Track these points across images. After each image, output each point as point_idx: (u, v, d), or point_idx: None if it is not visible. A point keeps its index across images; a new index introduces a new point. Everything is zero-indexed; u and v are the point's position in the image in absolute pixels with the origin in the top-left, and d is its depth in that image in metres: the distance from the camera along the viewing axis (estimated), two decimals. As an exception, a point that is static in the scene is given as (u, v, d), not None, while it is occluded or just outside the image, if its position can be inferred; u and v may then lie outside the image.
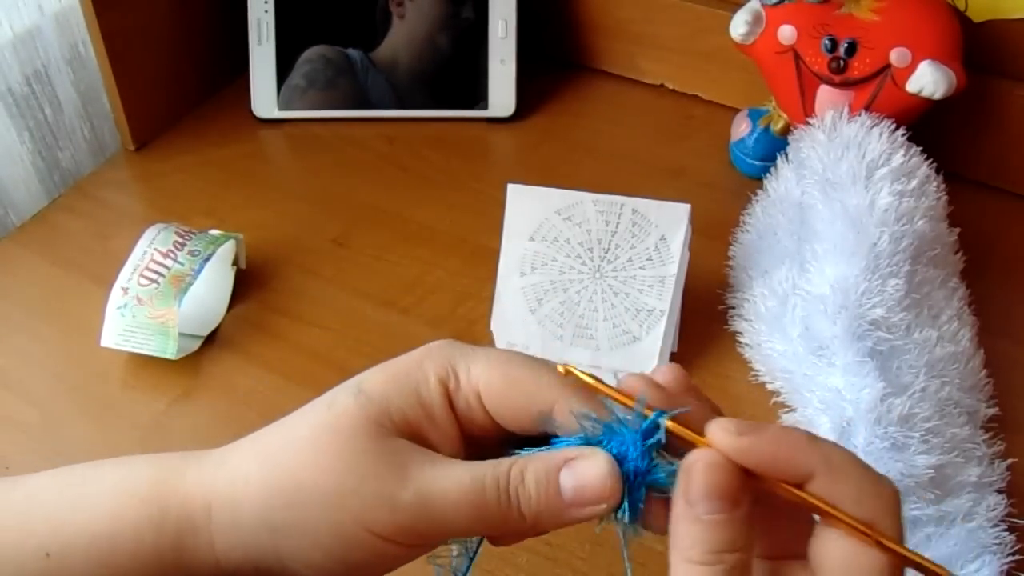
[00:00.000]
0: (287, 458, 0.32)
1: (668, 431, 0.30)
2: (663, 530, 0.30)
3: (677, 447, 0.30)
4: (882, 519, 0.28)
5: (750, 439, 0.28)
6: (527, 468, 0.32)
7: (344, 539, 0.31)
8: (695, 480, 0.28)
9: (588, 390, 0.32)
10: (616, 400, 0.31)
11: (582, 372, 0.31)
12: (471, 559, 0.36)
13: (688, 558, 0.28)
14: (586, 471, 0.31)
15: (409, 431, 0.32)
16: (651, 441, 0.30)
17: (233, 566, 0.32)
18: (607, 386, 0.31)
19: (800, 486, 0.28)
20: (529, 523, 0.32)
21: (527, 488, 0.31)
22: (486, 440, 0.34)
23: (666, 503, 0.30)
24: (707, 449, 0.29)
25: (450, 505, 0.31)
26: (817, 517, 0.29)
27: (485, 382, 0.33)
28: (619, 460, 0.31)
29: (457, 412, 0.33)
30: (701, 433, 0.29)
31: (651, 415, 0.30)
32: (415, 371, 0.33)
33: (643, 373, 0.32)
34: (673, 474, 0.30)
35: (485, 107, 0.78)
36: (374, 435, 0.32)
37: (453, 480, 0.31)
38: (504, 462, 0.32)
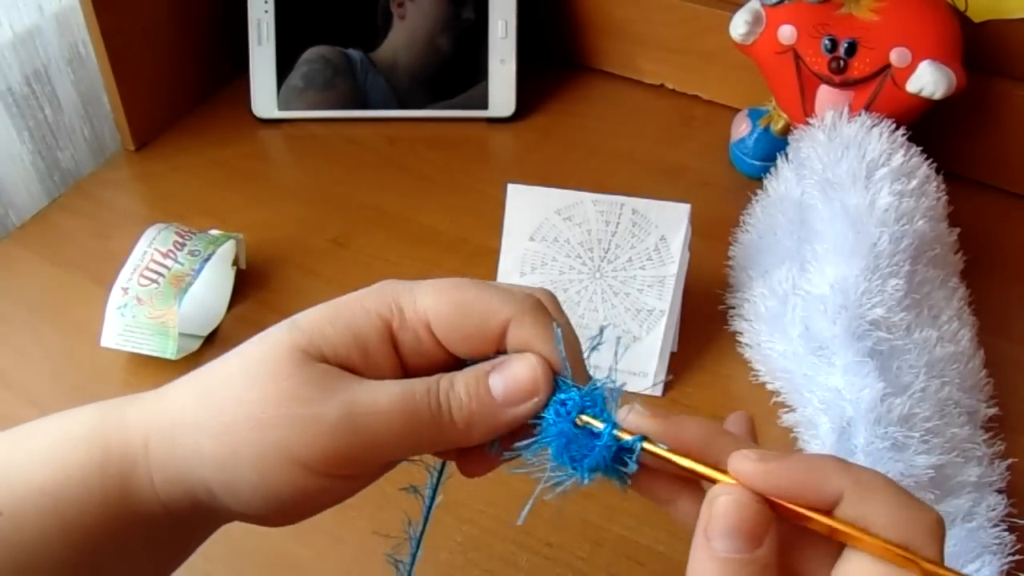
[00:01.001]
0: (219, 389, 0.32)
1: (693, 472, 0.29)
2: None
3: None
4: (920, 543, 0.26)
5: (775, 464, 0.27)
6: (456, 376, 0.32)
7: (269, 470, 0.31)
8: (716, 514, 0.27)
9: (546, 319, 0.32)
10: (702, 476, 0.29)
11: (658, 447, 0.30)
12: (435, 489, 0.36)
13: None
14: (515, 368, 0.31)
15: (341, 363, 0.32)
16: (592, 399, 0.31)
17: (173, 503, 0.32)
18: (686, 460, 0.29)
19: (828, 514, 0.27)
20: (462, 428, 0.32)
21: (457, 393, 0.31)
22: (434, 368, 0.33)
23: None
24: (732, 484, 0.28)
25: (379, 418, 0.31)
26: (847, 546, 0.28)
27: (434, 311, 0.32)
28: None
29: (403, 347, 0.33)
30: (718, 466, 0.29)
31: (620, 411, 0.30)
32: (352, 306, 0.33)
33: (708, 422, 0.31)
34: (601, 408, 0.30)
35: (485, 107, 0.78)
36: (303, 364, 0.31)
37: (381, 393, 0.31)
38: (433, 377, 0.32)
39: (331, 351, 0.32)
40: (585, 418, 0.31)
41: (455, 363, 0.33)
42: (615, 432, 0.30)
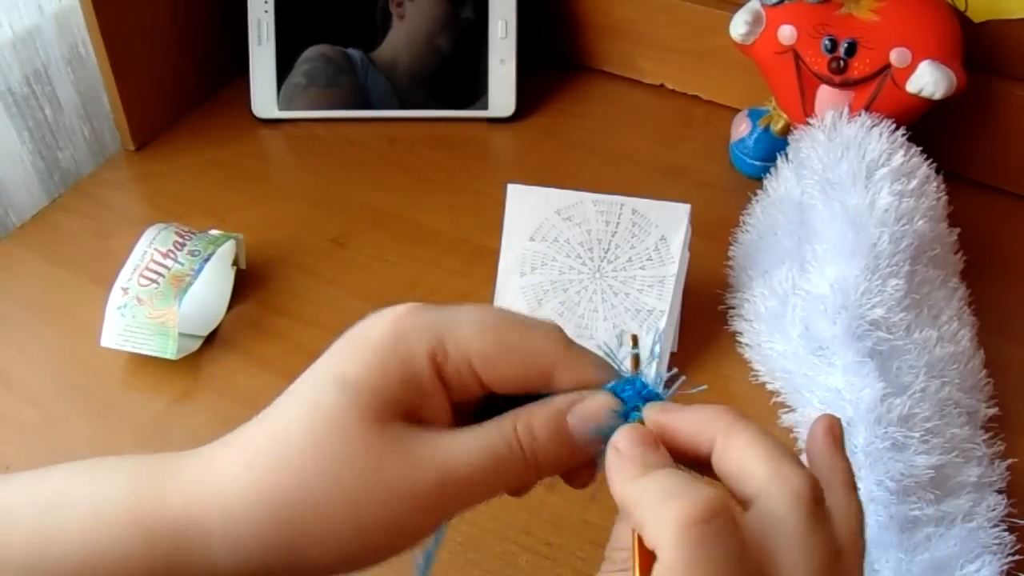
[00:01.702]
0: (286, 467, 0.31)
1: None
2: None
3: None
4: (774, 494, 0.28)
5: (670, 411, 0.31)
6: (533, 422, 0.32)
7: (368, 532, 0.31)
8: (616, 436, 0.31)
9: (589, 353, 0.33)
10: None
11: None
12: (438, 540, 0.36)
13: (608, 555, 0.30)
14: (592, 411, 0.32)
15: (402, 412, 0.31)
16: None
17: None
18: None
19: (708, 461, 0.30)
20: (547, 472, 0.32)
21: (542, 443, 0.32)
22: (469, 401, 0.34)
23: None
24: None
25: (472, 476, 0.31)
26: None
27: (478, 351, 0.32)
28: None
29: (448, 383, 0.32)
30: None
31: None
32: (399, 349, 0.31)
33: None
34: None
35: (485, 107, 0.78)
36: (373, 427, 0.31)
37: (467, 451, 0.31)
38: (506, 422, 0.32)
39: (394, 403, 0.31)
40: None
41: (484, 391, 0.33)
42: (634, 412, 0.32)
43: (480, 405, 0.33)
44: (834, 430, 0.32)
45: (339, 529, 0.31)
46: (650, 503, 0.28)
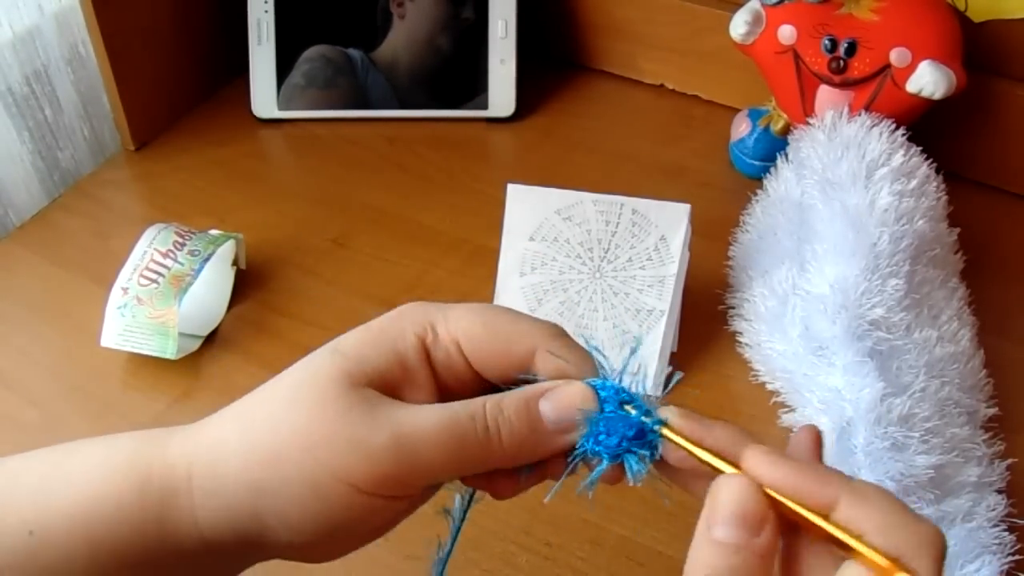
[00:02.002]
0: (264, 418, 0.33)
1: (698, 460, 0.30)
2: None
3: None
4: (913, 555, 0.26)
5: (781, 459, 0.28)
6: (503, 400, 0.32)
7: (321, 493, 0.31)
8: (718, 501, 0.28)
9: (577, 345, 0.33)
10: (712, 467, 0.30)
11: (678, 434, 0.31)
12: (463, 516, 0.37)
13: (693, 573, 0.27)
14: (565, 395, 0.32)
15: (384, 386, 0.33)
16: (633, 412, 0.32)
17: (215, 534, 0.32)
18: (704, 450, 0.30)
19: (825, 517, 0.28)
20: (510, 453, 0.32)
21: (508, 418, 0.32)
22: (463, 394, 0.34)
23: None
24: (736, 473, 0.29)
25: (427, 443, 0.31)
26: (846, 557, 0.28)
27: (465, 330, 0.33)
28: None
29: (435, 364, 0.34)
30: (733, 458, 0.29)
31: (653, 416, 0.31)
32: (391, 327, 0.34)
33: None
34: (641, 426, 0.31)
35: (485, 107, 0.78)
36: (346, 387, 0.32)
37: (428, 418, 0.32)
38: (477, 399, 0.32)
39: (375, 374, 0.33)
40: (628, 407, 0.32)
41: (481, 385, 0.34)
42: (641, 418, 0.31)
43: None
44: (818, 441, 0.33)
45: (292, 483, 0.31)
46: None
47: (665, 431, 0.31)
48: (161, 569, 0.32)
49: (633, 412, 0.32)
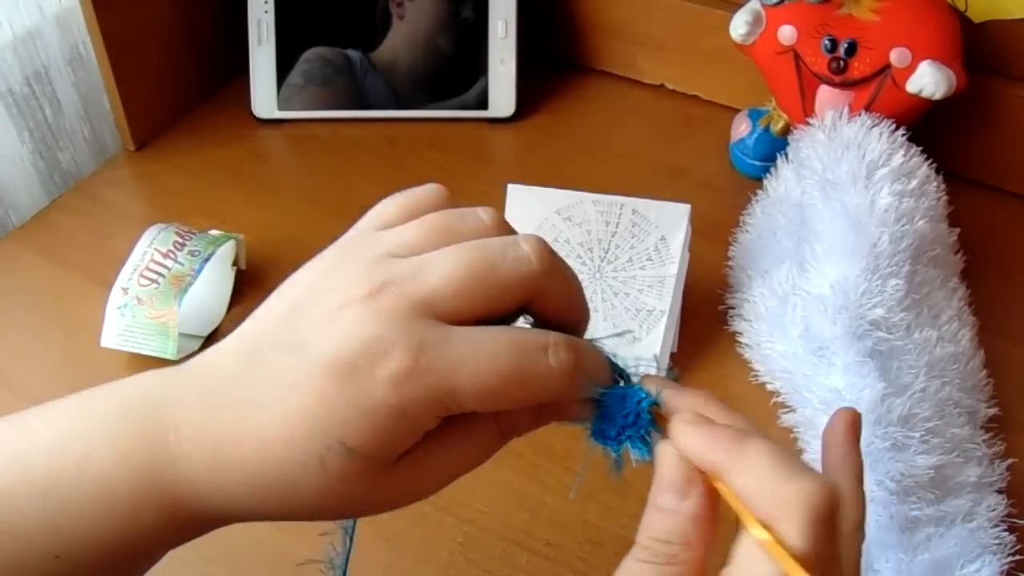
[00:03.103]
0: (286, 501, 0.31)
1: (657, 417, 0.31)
2: None
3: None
4: (782, 518, 0.26)
5: (691, 424, 0.29)
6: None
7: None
8: (656, 469, 0.29)
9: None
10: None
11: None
12: (349, 546, 0.37)
13: (638, 540, 0.29)
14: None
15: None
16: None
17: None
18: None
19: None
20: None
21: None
22: None
23: None
24: (665, 441, 0.30)
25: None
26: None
27: (478, 402, 0.30)
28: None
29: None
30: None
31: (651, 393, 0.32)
32: (405, 417, 0.30)
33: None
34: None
35: (485, 107, 0.78)
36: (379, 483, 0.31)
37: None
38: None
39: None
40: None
41: None
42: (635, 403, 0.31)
43: None
44: (855, 425, 0.33)
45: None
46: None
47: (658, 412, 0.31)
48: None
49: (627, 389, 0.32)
